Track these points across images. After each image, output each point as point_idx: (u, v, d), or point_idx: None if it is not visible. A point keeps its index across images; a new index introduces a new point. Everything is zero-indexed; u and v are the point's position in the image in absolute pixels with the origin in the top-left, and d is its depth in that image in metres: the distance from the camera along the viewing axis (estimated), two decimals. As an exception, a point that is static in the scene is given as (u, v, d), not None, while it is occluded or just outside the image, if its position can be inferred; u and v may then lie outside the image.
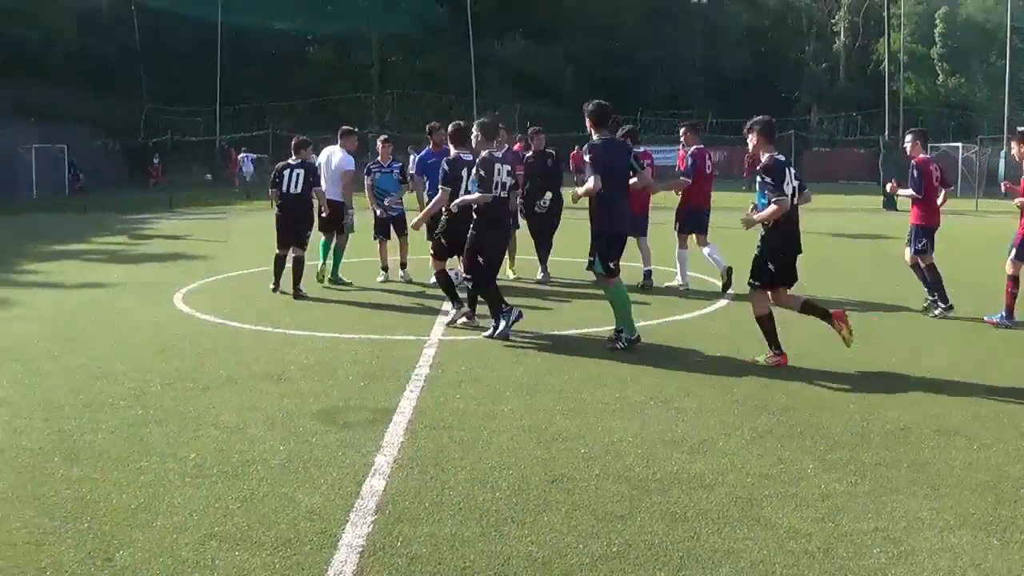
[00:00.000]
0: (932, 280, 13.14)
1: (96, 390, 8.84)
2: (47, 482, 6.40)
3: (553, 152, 16.19)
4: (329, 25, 67.15)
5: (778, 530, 5.65)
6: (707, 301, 13.94)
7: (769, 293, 10.11)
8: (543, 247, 16.02)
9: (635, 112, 52.82)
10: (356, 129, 16.22)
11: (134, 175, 54.82)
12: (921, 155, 13.19)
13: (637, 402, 8.44)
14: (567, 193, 14.32)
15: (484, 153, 11.32)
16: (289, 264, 14.44)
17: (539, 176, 15.70)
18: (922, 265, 13.24)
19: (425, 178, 15.25)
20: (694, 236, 15.15)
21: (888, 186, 13.96)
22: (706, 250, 15.01)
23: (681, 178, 15.06)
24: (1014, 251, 12.11)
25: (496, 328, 11.11)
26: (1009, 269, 12.18)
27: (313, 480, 6.41)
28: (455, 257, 12.15)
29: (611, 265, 10.55)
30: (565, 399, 8.51)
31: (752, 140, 10.03)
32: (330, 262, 15.70)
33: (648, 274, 15.16)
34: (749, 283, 10.12)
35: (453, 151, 11.68)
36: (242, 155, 46.86)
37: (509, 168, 11.40)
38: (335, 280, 15.61)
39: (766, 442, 7.33)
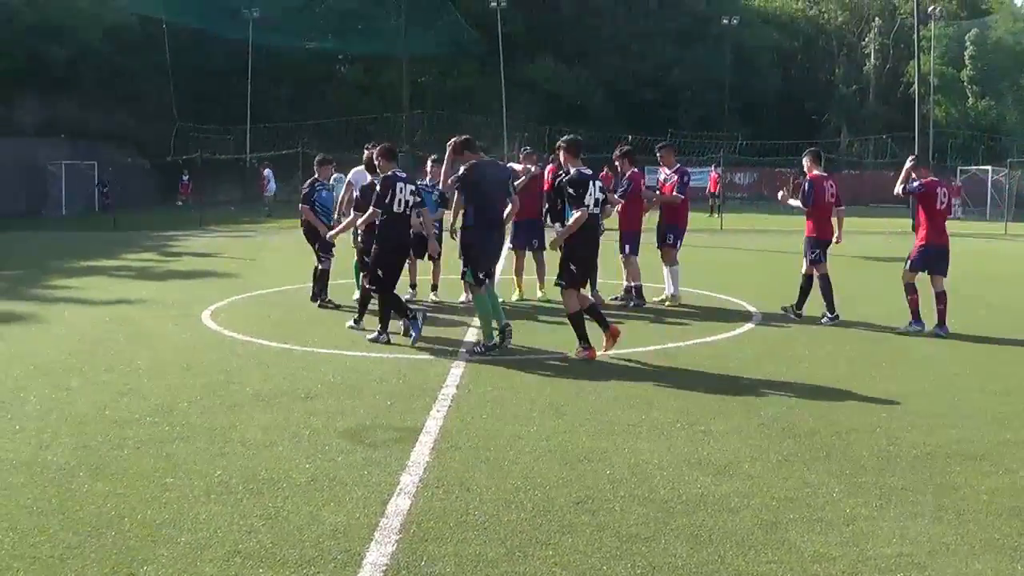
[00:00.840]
0: (824, 290, 14.16)
1: (123, 406, 8.91)
2: (72, 497, 6.45)
3: (591, 172, 16.11)
4: (360, 45, 67.53)
5: (803, 554, 5.62)
6: (734, 324, 13.90)
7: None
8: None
9: (664, 134, 52.53)
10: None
11: (164, 193, 55.19)
12: (815, 172, 14.43)
13: (663, 424, 8.42)
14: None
15: (388, 172, 12.27)
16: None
17: None
18: (816, 274, 14.25)
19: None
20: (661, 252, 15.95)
21: (780, 194, 15.29)
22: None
23: (675, 194, 15.73)
24: (909, 263, 13.54)
25: (404, 332, 12.31)
26: (905, 278, 13.54)
27: (338, 499, 6.43)
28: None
29: (480, 276, 11.67)
30: (591, 420, 8.51)
31: (563, 157, 11.82)
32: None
33: (637, 291, 15.58)
34: (557, 283, 11.43)
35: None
36: (267, 171, 46.95)
37: (413, 188, 12.35)
38: None
39: (792, 465, 7.30)
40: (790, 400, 9.36)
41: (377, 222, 12.31)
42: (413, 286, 16.09)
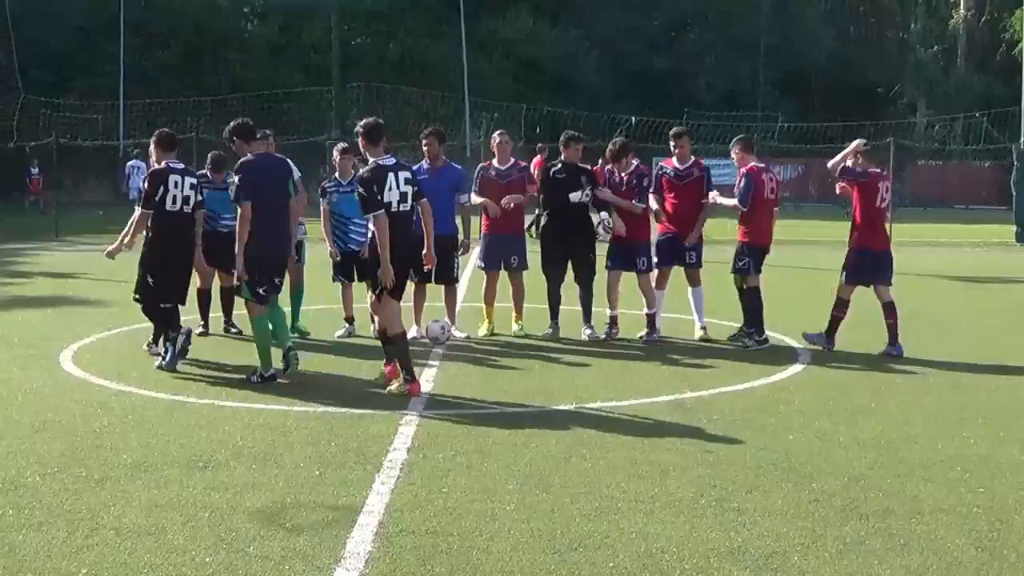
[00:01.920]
0: (751, 307, 15.29)
1: (-55, 485, 8.88)
2: None
3: (589, 167, 16.38)
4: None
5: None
6: (774, 366, 14.00)
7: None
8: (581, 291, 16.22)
9: (679, 115, 52.65)
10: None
11: (5, 191, 54.64)
12: (752, 163, 15.42)
13: (683, 500, 8.47)
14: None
15: (162, 164, 13.40)
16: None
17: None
18: (746, 287, 15.29)
19: None
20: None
21: (711, 195, 15.72)
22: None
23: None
24: (845, 273, 14.96)
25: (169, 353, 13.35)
26: (840, 291, 15.01)
27: (250, 604, 6.44)
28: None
29: (260, 291, 12.72)
30: (586, 495, 8.54)
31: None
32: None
33: (650, 319, 15.84)
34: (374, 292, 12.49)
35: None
36: (132, 163, 45.52)
37: (193, 182, 13.55)
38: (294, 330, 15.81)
39: (857, 557, 7.33)
40: (852, 469, 9.41)
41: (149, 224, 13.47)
42: (348, 320, 16.15)
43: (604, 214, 15.65)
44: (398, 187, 12.29)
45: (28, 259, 30.07)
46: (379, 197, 12.11)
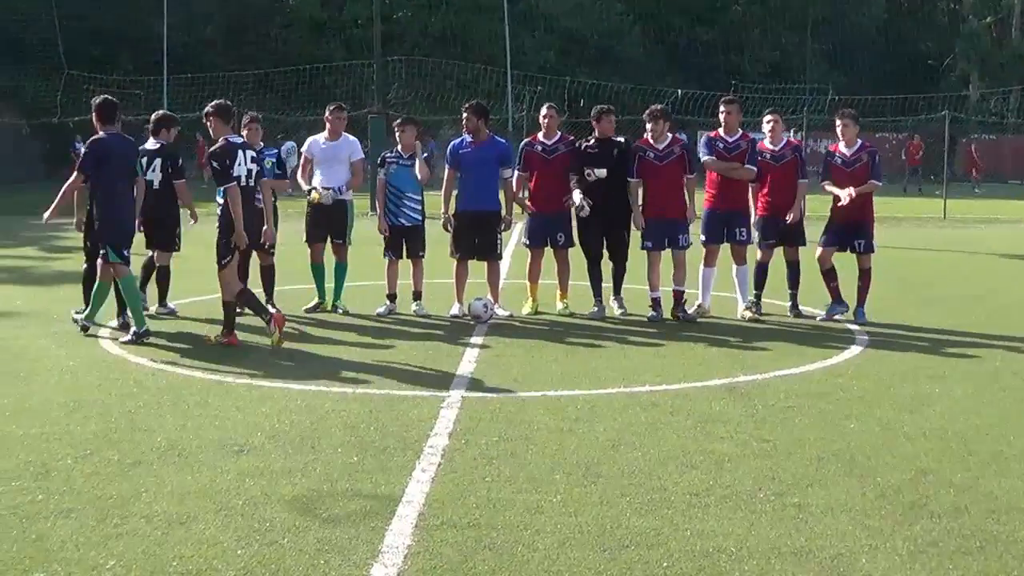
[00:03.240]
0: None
1: (-27, 467, 8.59)
2: None
3: (622, 140, 15.89)
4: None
5: None
6: (830, 348, 13.57)
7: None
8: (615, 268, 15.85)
9: (727, 87, 52.12)
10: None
11: (50, 165, 54.73)
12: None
13: (739, 494, 8.07)
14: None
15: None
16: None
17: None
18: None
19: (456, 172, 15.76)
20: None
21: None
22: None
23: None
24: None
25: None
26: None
27: (283, 602, 6.11)
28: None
29: (125, 253, 13.76)
30: (636, 487, 8.16)
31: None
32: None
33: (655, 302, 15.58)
34: (218, 262, 13.50)
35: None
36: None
37: (253, 155, 13.96)
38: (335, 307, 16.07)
39: (930, 560, 6.91)
40: (918, 462, 8.97)
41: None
42: (391, 297, 15.88)
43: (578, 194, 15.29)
44: (245, 163, 13.58)
45: (69, 234, 29.78)
46: (231, 171, 13.36)
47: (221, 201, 13.68)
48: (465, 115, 15.73)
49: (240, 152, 13.62)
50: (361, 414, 10.14)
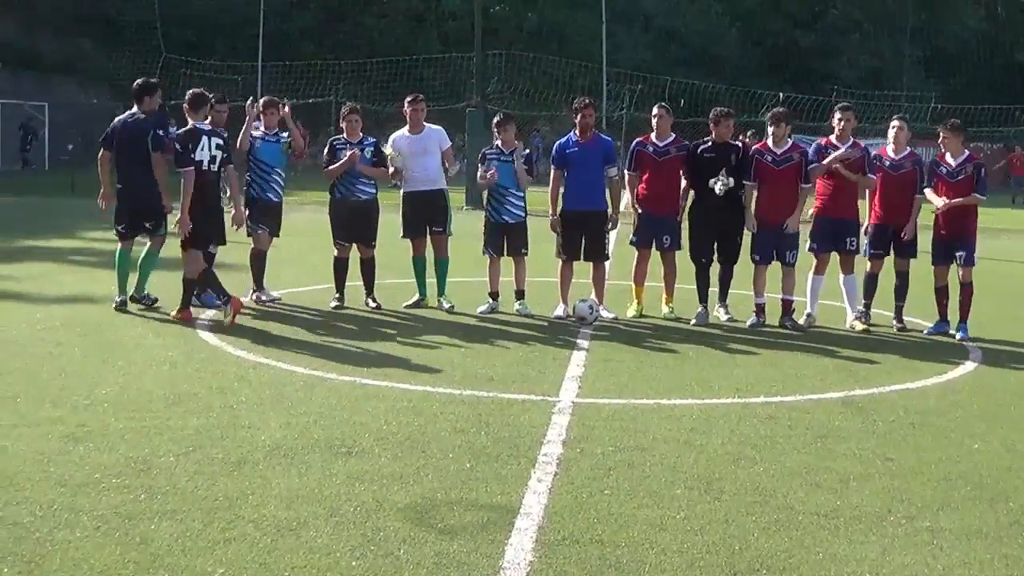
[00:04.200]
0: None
1: (76, 459, 8.33)
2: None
3: (740, 144, 15.51)
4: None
5: None
6: (943, 364, 13.08)
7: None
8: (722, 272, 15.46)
9: (827, 92, 51.56)
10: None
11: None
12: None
13: (868, 515, 7.68)
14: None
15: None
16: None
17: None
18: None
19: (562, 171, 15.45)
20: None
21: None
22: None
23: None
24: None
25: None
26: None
27: (403, 619, 5.82)
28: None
29: (119, 229, 14.94)
30: (761, 505, 7.80)
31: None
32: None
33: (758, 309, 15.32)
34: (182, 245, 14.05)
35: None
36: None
37: (219, 142, 14.26)
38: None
39: (1073, 591, 6.53)
40: (1050, 483, 8.57)
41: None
42: (493, 295, 15.63)
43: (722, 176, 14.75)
44: (210, 149, 14.05)
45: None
46: (192, 155, 13.89)
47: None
48: (583, 112, 15.28)
49: (205, 138, 14.07)
50: (470, 418, 9.84)
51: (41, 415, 9.53)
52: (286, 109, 15.99)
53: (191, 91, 14.58)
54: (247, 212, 15.44)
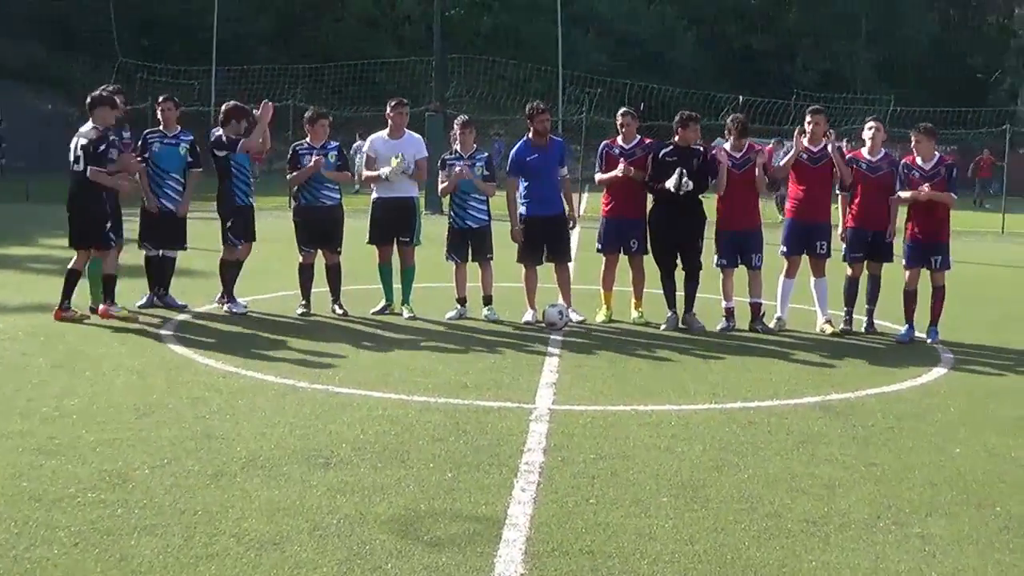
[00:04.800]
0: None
1: (49, 473, 8.10)
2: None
3: (701, 148, 15.21)
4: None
5: None
6: (916, 367, 13.00)
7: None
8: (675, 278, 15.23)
9: (779, 95, 51.64)
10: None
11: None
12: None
13: (858, 522, 7.58)
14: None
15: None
16: None
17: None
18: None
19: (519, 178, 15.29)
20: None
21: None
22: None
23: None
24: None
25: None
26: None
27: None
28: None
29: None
30: (748, 512, 7.68)
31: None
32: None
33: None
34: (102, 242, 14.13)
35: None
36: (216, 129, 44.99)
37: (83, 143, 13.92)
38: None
39: (1069, 599, 6.45)
40: (1030, 485, 8.50)
41: None
42: (460, 301, 15.46)
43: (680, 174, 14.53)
44: (74, 150, 13.96)
45: (124, 222, 29.45)
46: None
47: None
48: (539, 118, 15.22)
49: (75, 138, 14.12)
50: (447, 426, 9.66)
51: (10, 428, 9.28)
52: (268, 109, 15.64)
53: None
54: (230, 223, 15.32)
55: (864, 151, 14.98)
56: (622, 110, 15.74)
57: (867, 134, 14.98)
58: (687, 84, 57.77)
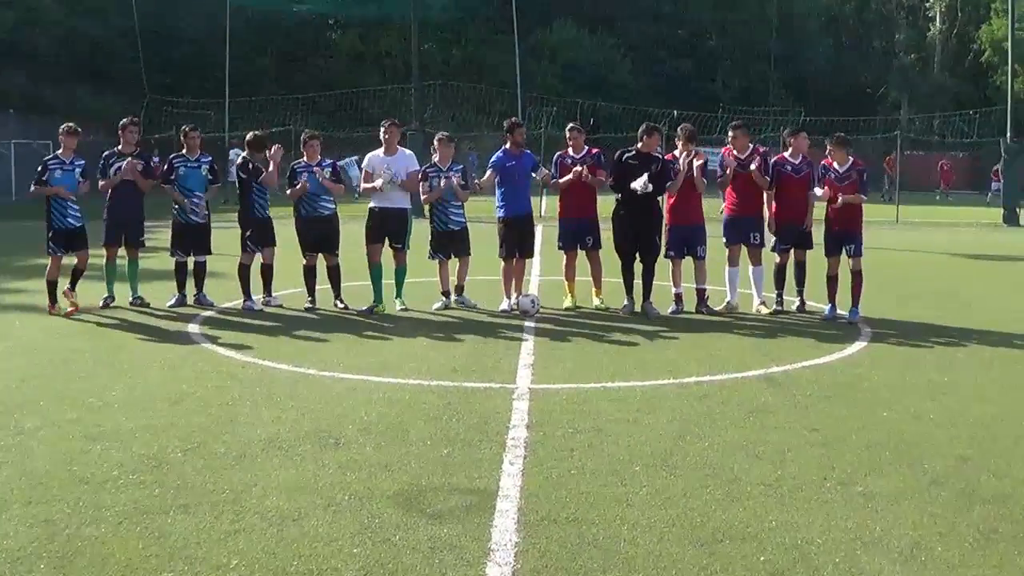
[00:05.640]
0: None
1: (95, 458, 7.68)
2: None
3: (660, 156, 14.68)
4: (355, 8, 66.30)
5: None
6: (840, 342, 12.64)
7: None
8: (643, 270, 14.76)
9: (700, 110, 51.23)
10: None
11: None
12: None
13: (807, 483, 7.21)
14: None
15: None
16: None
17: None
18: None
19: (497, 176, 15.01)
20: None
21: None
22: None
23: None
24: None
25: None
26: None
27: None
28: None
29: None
30: (712, 478, 7.29)
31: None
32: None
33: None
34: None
35: None
36: (233, 151, 44.33)
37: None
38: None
39: (998, 547, 6.09)
40: (954, 449, 8.13)
41: None
42: (445, 294, 15.02)
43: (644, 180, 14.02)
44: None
45: (152, 234, 28.89)
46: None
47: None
48: (518, 131, 14.99)
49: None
50: (441, 406, 9.24)
51: (63, 416, 8.86)
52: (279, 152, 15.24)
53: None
54: (250, 232, 15.10)
55: (787, 155, 14.63)
56: (569, 125, 15.48)
57: (793, 143, 14.70)
58: (626, 102, 57.54)
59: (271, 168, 15.00)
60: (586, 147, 15.14)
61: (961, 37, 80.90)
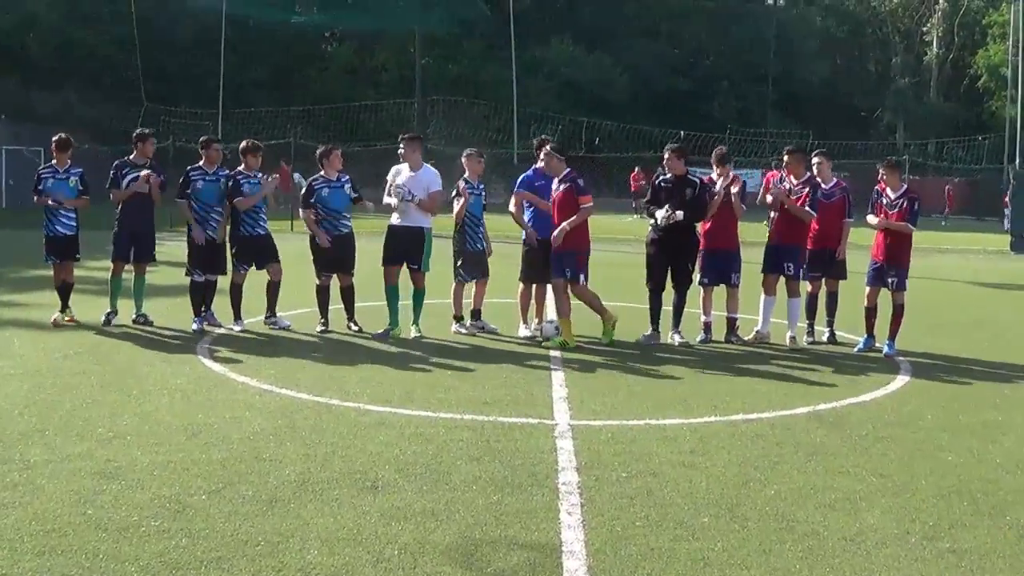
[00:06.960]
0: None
1: (111, 499, 7.05)
2: None
3: (698, 180, 13.87)
4: (352, 21, 65.89)
5: None
6: (885, 376, 12.11)
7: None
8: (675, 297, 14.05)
9: (704, 129, 50.98)
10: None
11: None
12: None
13: (891, 537, 6.67)
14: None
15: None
16: None
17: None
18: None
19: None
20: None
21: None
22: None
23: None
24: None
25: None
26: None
27: None
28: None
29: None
30: (787, 530, 6.74)
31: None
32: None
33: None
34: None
35: None
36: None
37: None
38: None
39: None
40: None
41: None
42: (458, 318, 14.45)
43: (667, 209, 13.40)
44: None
45: (161, 249, 28.27)
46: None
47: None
48: (547, 148, 13.69)
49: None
50: (479, 444, 8.64)
51: (71, 450, 8.21)
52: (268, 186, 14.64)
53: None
54: (235, 250, 14.46)
55: (815, 179, 14.06)
56: (546, 146, 13.90)
57: (815, 169, 14.17)
58: (621, 120, 57.28)
59: (260, 192, 14.37)
60: (567, 168, 13.65)
61: (957, 62, 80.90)
